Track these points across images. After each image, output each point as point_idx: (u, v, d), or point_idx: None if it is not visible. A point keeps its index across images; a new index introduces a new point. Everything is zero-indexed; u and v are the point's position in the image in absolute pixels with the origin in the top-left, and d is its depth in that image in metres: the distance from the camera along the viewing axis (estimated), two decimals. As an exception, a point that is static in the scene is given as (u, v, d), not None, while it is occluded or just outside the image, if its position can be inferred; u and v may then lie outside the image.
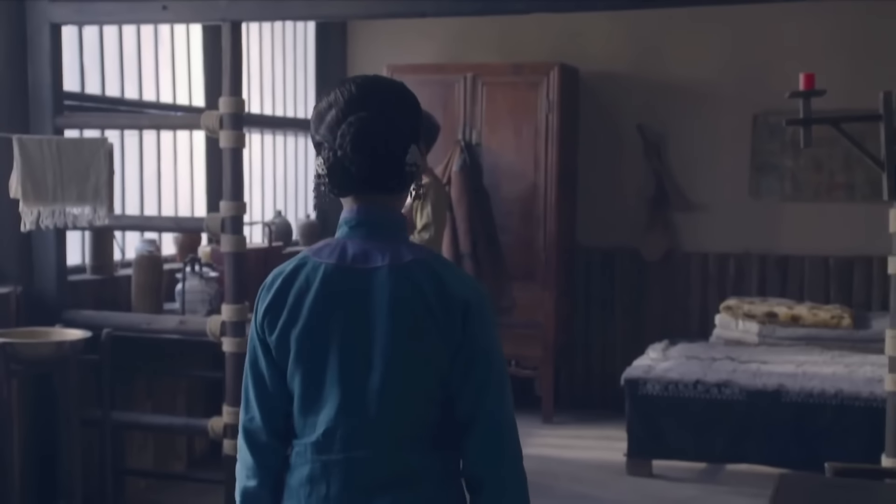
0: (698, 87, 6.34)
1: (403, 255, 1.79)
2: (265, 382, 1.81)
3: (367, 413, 1.75)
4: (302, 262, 1.81)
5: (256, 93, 6.25)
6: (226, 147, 4.09)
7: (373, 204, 1.82)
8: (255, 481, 1.83)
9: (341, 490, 1.75)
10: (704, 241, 6.40)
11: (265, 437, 1.82)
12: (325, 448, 1.76)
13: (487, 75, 6.22)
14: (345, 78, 1.88)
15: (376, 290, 1.76)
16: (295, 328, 1.77)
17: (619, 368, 6.46)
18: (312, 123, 1.86)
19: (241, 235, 4.11)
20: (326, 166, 1.79)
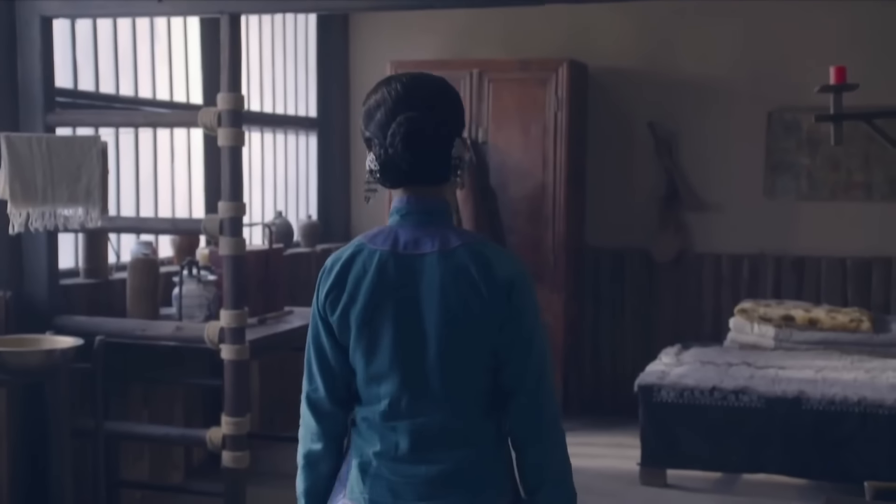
0: (711, 83, 6.16)
1: (452, 240, 1.96)
2: (327, 356, 2.00)
3: (426, 383, 1.94)
4: (358, 248, 1.98)
5: (256, 90, 6.07)
6: (224, 145, 3.91)
7: (421, 194, 1.98)
8: (319, 444, 2.04)
9: (409, 451, 1.95)
10: (718, 242, 6.22)
11: (329, 406, 2.02)
12: (392, 416, 1.95)
13: (494, 71, 6.04)
14: (390, 76, 2.03)
15: (428, 274, 1.93)
16: (354, 309, 1.94)
17: (629, 372, 6.29)
18: (362, 121, 2.03)
19: (241, 238, 3.93)
20: (379, 162, 1.97)
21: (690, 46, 6.20)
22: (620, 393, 6.32)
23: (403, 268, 1.94)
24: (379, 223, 6.18)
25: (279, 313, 4.86)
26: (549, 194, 5.97)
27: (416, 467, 1.96)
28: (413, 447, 1.95)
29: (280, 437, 5.56)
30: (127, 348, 4.18)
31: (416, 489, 1.95)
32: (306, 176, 6.67)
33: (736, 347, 5.73)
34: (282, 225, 5.94)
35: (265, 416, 5.69)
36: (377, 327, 1.95)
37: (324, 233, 6.55)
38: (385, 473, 1.97)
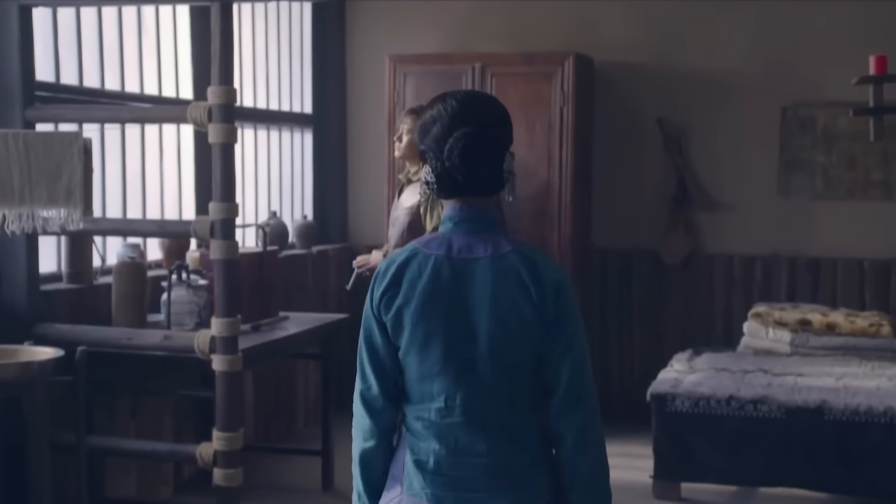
0: (722, 77, 5.93)
1: (503, 246, 2.08)
2: (379, 355, 2.10)
3: (479, 380, 2.04)
4: (413, 253, 2.10)
5: (249, 85, 5.82)
6: (215, 142, 3.66)
7: (473, 203, 2.12)
8: (372, 441, 2.12)
9: (466, 446, 2.04)
10: (729, 243, 5.99)
11: (381, 403, 2.10)
12: (447, 412, 2.05)
13: (497, 65, 5.80)
14: (444, 94, 2.17)
15: (480, 277, 2.05)
16: (409, 309, 2.04)
17: (637, 379, 6.07)
18: (418, 134, 2.18)
19: (233, 240, 3.68)
20: (435, 174, 2.12)
21: (700, 39, 5.97)
22: (628, 399, 6.09)
23: (457, 271, 2.07)
24: (376, 224, 5.92)
25: (274, 319, 4.62)
26: (555, 193, 5.73)
27: (475, 460, 2.05)
28: (470, 442, 2.05)
29: (275, 448, 5.33)
30: (112, 358, 3.94)
31: (476, 482, 2.06)
32: (301, 175, 6.42)
33: (750, 353, 5.49)
34: (276, 226, 5.70)
35: (260, 427, 5.44)
36: (431, 326, 2.05)
37: (320, 234, 6.31)
38: (444, 469, 2.06)
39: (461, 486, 2.06)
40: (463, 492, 2.06)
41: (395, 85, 5.93)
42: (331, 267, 6.31)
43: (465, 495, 2.06)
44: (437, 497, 2.06)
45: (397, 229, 4.72)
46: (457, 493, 2.06)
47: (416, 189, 4.69)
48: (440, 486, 2.06)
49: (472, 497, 2.06)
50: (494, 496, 2.05)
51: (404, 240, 4.66)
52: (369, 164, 6.50)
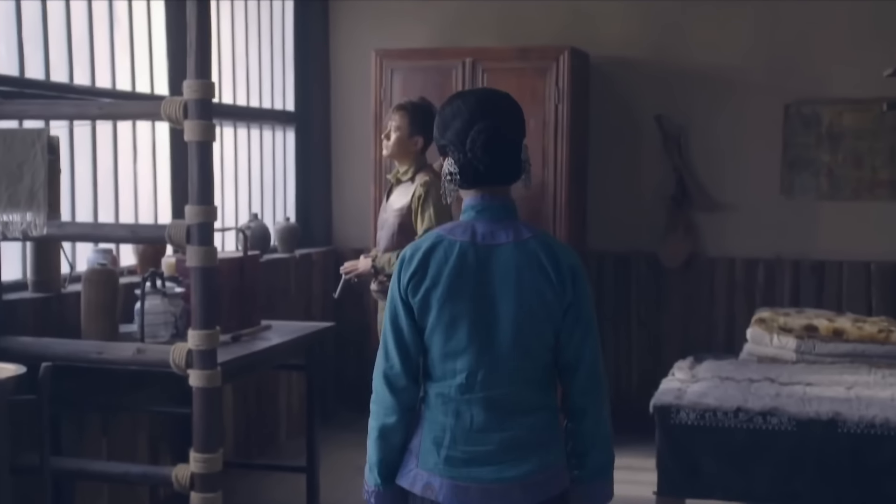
0: (723, 73, 5.69)
1: (523, 232, 2.22)
2: (404, 336, 2.21)
3: (500, 359, 2.18)
4: (437, 239, 2.23)
5: (228, 81, 5.54)
6: (192, 140, 3.38)
7: (494, 193, 2.25)
8: (393, 417, 2.22)
9: (483, 421, 2.18)
10: (731, 245, 5.75)
11: (404, 381, 2.21)
12: (469, 389, 2.18)
13: (488, 61, 5.54)
14: (462, 91, 2.40)
15: (503, 262, 2.18)
16: (436, 292, 2.18)
17: (636, 387, 5.83)
18: (437, 130, 2.30)
19: (211, 246, 3.41)
20: (458, 166, 2.24)
21: (701, 33, 5.73)
22: (627, 409, 5.83)
23: (481, 256, 2.20)
24: (362, 227, 5.64)
25: (255, 329, 4.34)
26: (550, 194, 5.48)
27: (490, 435, 2.19)
28: (487, 417, 2.19)
29: (256, 465, 5.05)
30: (82, 372, 3.65)
31: (489, 456, 2.19)
32: (283, 175, 6.14)
33: (754, 361, 5.25)
34: (257, 229, 5.43)
35: (240, 443, 5.17)
36: (457, 308, 2.17)
37: (303, 237, 6.04)
38: (459, 443, 2.19)
39: (474, 462, 2.19)
40: (475, 466, 2.19)
41: (382, 81, 5.67)
42: (315, 272, 6.04)
43: (478, 470, 2.19)
44: (451, 472, 2.19)
45: (387, 232, 4.46)
46: (469, 468, 2.19)
47: (406, 190, 4.43)
48: (453, 462, 2.19)
49: (484, 471, 2.19)
50: (506, 469, 2.19)
51: (395, 243, 4.41)
52: (354, 163, 6.23)
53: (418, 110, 4.48)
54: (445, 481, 2.20)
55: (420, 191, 4.31)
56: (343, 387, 6.26)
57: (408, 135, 4.44)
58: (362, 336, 6.13)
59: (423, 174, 4.41)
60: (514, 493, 2.21)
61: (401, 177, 4.49)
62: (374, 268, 4.42)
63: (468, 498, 2.20)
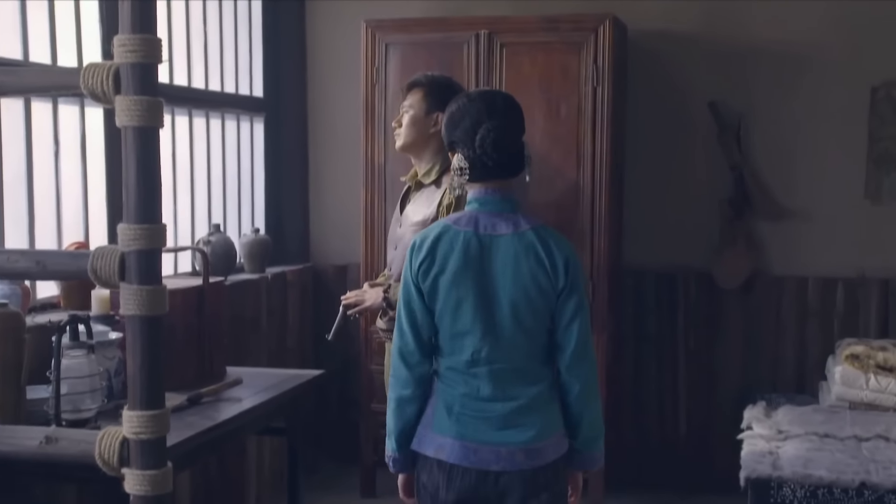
0: (793, 50, 4.66)
1: (522, 224, 2.46)
2: (417, 317, 2.47)
3: (501, 338, 2.43)
4: (444, 229, 2.46)
5: (181, 58, 4.39)
6: (127, 125, 2.22)
7: (497, 187, 2.49)
8: (408, 389, 2.49)
9: (489, 392, 2.44)
10: (802, 261, 4.72)
11: (417, 357, 2.48)
12: (475, 363, 2.44)
13: (508, 33, 4.45)
14: (466, 92, 2.66)
15: (504, 250, 2.43)
16: (444, 277, 2.43)
17: (684, 436, 4.81)
18: (445, 128, 2.56)
19: (158, 286, 2.26)
20: (469, 161, 2.48)
21: (766, 3, 4.68)
22: (673, 462, 4.81)
23: (484, 245, 2.43)
24: (348, 238, 4.44)
25: (219, 386, 3.21)
26: (587, 199, 4.40)
27: (494, 404, 2.44)
28: (492, 388, 2.44)
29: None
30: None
31: (495, 422, 2.43)
32: (251, 175, 5.00)
33: (845, 407, 4.21)
34: (219, 244, 4.30)
35: (199, 519, 4.02)
36: (462, 292, 2.42)
37: (276, 251, 4.90)
38: (468, 411, 2.44)
39: (481, 426, 2.43)
40: (483, 430, 2.43)
41: (374, 59, 4.56)
42: (290, 294, 4.91)
43: (485, 433, 2.42)
44: (461, 433, 2.43)
45: (403, 252, 3.34)
46: (477, 431, 2.42)
47: (430, 196, 3.33)
48: (464, 425, 2.43)
49: (491, 434, 2.42)
50: (510, 435, 2.42)
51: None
52: (338, 162, 5.12)
53: (436, 84, 3.41)
54: (456, 442, 2.42)
55: (450, 197, 3.23)
56: (326, 436, 5.14)
57: (424, 112, 3.36)
58: (347, 376, 5.02)
59: (445, 177, 3.32)
60: (517, 456, 2.41)
61: (422, 179, 3.39)
62: (387, 301, 3.31)
63: (477, 458, 2.41)
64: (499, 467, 2.40)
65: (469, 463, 2.41)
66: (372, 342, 4.58)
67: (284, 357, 4.82)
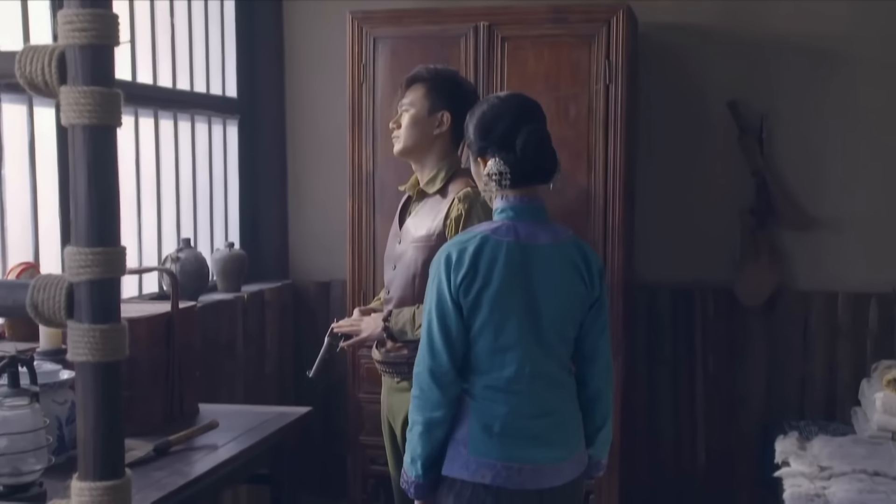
0: (822, 44, 4.26)
1: (560, 234, 2.44)
2: (452, 334, 2.35)
3: (544, 352, 2.38)
4: (484, 240, 2.36)
5: (146, 54, 3.92)
6: (76, 124, 1.74)
7: (531, 194, 2.43)
8: (439, 412, 2.36)
9: (531, 406, 2.37)
10: (832, 275, 4.32)
11: (450, 376, 2.36)
12: (517, 379, 2.36)
13: (511, 25, 4.02)
14: (495, 95, 2.55)
15: (545, 262, 2.38)
16: (488, 291, 2.34)
17: (702, 467, 4.40)
18: (476, 132, 2.46)
19: (115, 324, 1.79)
20: (508, 166, 2.38)
21: (790, -9, 4.30)
22: (687, 497, 4.40)
23: (526, 256, 2.36)
24: (331, 253, 3.43)
25: (192, 431, 2.74)
26: (598, 209, 3.97)
27: (537, 421, 2.37)
28: (535, 404, 2.37)
29: None
30: None
31: (538, 439, 2.36)
32: (224, 184, 4.53)
33: (888, 438, 3.81)
34: (189, 261, 3.83)
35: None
36: (507, 305, 2.34)
37: (252, 268, 4.44)
38: (510, 430, 2.35)
39: (525, 445, 2.35)
40: (526, 449, 2.34)
41: (361, 55, 4.12)
42: (268, 315, 4.44)
43: (528, 451, 2.34)
44: (505, 454, 2.33)
45: (404, 272, 2.90)
46: (520, 451, 2.34)
47: (435, 207, 2.89)
48: (507, 446, 2.34)
49: (534, 452, 2.35)
50: (554, 450, 2.38)
51: (416, 289, 2.87)
52: (321, 167, 4.67)
53: (440, 78, 2.98)
54: (499, 463, 2.33)
55: (459, 209, 2.79)
56: (309, 470, 4.68)
57: (427, 110, 2.93)
58: (331, 404, 4.56)
59: (460, 182, 2.88)
60: (563, 470, 2.39)
61: (425, 188, 2.94)
62: (388, 331, 2.86)
63: (521, 478, 2.34)
64: (545, 485, 2.36)
65: (514, 485, 2.33)
66: (360, 368, 4.14)
67: (262, 386, 4.36)
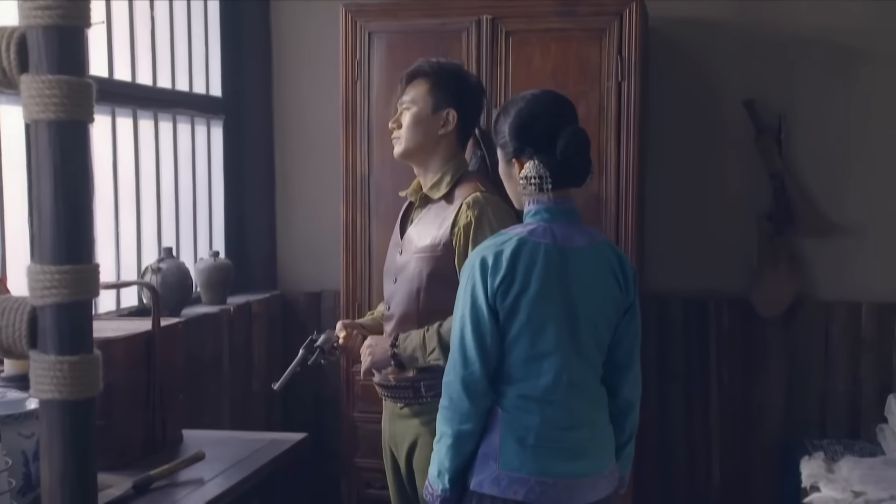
0: (844, 40, 4.04)
1: (595, 237, 2.36)
2: (486, 341, 2.24)
3: (581, 359, 2.28)
4: (521, 242, 2.25)
5: (123, 50, 3.64)
6: (39, 119, 1.47)
7: (565, 196, 2.33)
8: (470, 424, 2.25)
9: (568, 417, 2.26)
10: (855, 284, 4.09)
11: (483, 386, 2.25)
12: (554, 389, 2.25)
13: (515, 18, 3.77)
14: (530, 92, 2.39)
15: (582, 265, 2.28)
16: (527, 294, 2.23)
17: (717, 488, 4.15)
18: (512, 131, 2.32)
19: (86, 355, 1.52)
20: (548, 169, 2.27)
21: (810, -16, 4.07)
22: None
23: (564, 258, 2.26)
24: (322, 262, 2.96)
25: (175, 464, 2.47)
26: (610, 215, 3.73)
27: (573, 433, 2.26)
28: (571, 415, 2.26)
29: None
30: None
31: (573, 453, 2.25)
32: (208, 189, 4.25)
33: (922, 459, 3.58)
34: (171, 272, 3.55)
35: None
36: (546, 311, 2.23)
37: (238, 278, 4.16)
38: (545, 443, 2.24)
39: (560, 458, 2.24)
40: (562, 462, 2.23)
41: (355, 50, 3.85)
42: (256, 329, 4.17)
43: (564, 465, 2.23)
44: (539, 469, 2.22)
45: (407, 286, 2.65)
46: (555, 464, 2.23)
47: (440, 214, 2.64)
48: (541, 459, 2.22)
49: (571, 466, 2.24)
50: (590, 463, 2.27)
51: (423, 304, 2.62)
52: (311, 170, 4.41)
53: (444, 73, 2.74)
54: (532, 479, 2.23)
55: (468, 216, 2.54)
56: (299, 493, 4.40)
57: (431, 108, 2.68)
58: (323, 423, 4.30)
59: (468, 186, 2.63)
60: (600, 484, 2.29)
61: (429, 193, 2.68)
62: (396, 358, 2.60)
63: (556, 493, 2.24)
64: (580, 501, 2.27)
65: (549, 501, 2.23)
66: (354, 384, 3.88)
67: (249, 403, 4.08)
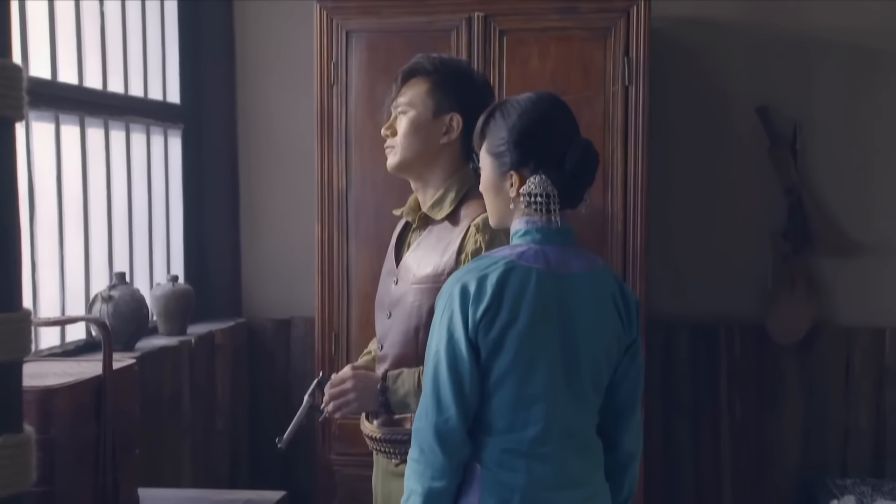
0: (864, 42, 3.73)
1: (593, 261, 1.99)
2: (464, 383, 1.88)
3: (576, 405, 1.92)
4: (509, 266, 1.90)
5: (69, 51, 3.21)
6: None
7: (563, 215, 1.98)
8: (443, 481, 1.88)
9: (561, 476, 1.90)
10: (878, 309, 3.77)
11: (460, 436, 1.89)
12: (544, 440, 1.89)
13: (510, 16, 3.41)
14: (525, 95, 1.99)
15: (580, 294, 1.93)
16: (515, 327, 1.88)
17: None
18: (512, 139, 1.94)
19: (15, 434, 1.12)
20: (557, 186, 1.92)
21: (827, -18, 3.75)
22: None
23: (559, 286, 1.92)
24: (292, 284, 2.97)
25: (131, 538, 2.04)
26: (617, 233, 3.37)
27: (565, 494, 1.92)
28: (563, 472, 1.92)
29: None
30: None
31: None
32: (166, 205, 3.82)
33: (962, 501, 3.25)
34: (124, 300, 3.12)
35: None
36: (536, 346, 1.89)
37: (200, 305, 3.73)
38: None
39: None
40: None
41: (331, 51, 3.46)
42: (219, 361, 3.74)
43: None
44: None
45: (403, 320, 2.26)
46: None
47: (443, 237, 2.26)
48: None
49: None
50: None
51: (419, 344, 2.23)
52: (280, 185, 4.00)
53: (446, 70, 2.35)
54: None
55: (478, 240, 2.16)
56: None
57: (431, 112, 2.30)
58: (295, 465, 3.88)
59: (475, 204, 2.24)
60: None
61: (430, 213, 2.29)
62: (385, 402, 2.20)
63: None
64: None
65: None
66: (331, 424, 3.48)
67: (213, 444, 3.66)
